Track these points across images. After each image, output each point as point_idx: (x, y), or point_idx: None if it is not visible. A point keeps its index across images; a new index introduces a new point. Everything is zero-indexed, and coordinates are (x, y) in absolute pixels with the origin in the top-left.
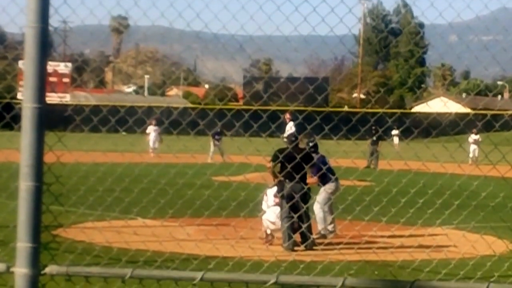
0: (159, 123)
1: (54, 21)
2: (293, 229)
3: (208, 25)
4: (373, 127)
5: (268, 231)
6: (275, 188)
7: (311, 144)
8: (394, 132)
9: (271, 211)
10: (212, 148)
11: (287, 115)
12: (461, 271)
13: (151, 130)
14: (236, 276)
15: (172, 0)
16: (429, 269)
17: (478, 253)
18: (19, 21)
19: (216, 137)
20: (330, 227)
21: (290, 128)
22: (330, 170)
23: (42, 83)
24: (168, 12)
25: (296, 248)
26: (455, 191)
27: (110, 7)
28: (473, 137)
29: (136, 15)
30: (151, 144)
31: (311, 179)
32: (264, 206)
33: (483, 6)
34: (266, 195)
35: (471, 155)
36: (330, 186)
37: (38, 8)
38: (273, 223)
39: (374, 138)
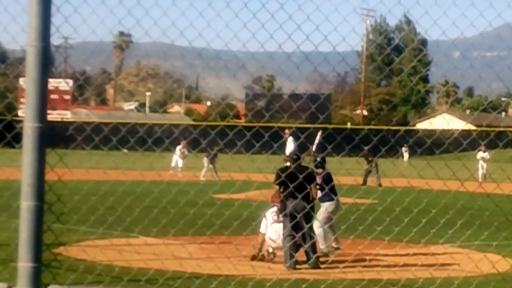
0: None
1: (55, 38)
2: (295, 247)
3: (210, 43)
4: (369, 157)
5: (270, 249)
6: (274, 209)
7: (318, 159)
8: (404, 148)
9: (271, 229)
10: (206, 166)
11: (286, 131)
12: None
13: (178, 151)
14: None
15: (174, 18)
16: None
17: (482, 272)
18: (20, 40)
19: (212, 159)
20: (334, 244)
21: (289, 143)
22: (333, 189)
23: (43, 102)
24: (170, 30)
25: (298, 266)
26: (459, 210)
27: (112, 25)
28: (480, 154)
29: (138, 33)
30: (173, 164)
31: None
32: (262, 228)
33: (487, 23)
34: (265, 217)
35: (480, 172)
36: (330, 205)
37: (39, 26)
38: (274, 240)
39: (370, 158)
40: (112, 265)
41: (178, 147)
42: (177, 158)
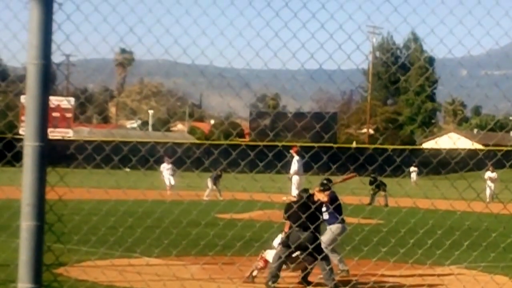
0: (172, 160)
1: (56, 56)
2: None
3: (214, 61)
4: (372, 175)
5: (255, 273)
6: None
7: (324, 182)
8: (412, 168)
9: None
10: (210, 187)
11: (293, 150)
12: None
13: (164, 169)
14: None
15: (176, 36)
16: None
17: None
18: (21, 57)
19: (215, 179)
20: (341, 266)
21: (294, 163)
22: (339, 210)
23: (44, 121)
24: (173, 48)
25: (277, 286)
26: (465, 231)
27: (114, 43)
28: (488, 174)
29: (140, 51)
30: (166, 182)
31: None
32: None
33: (494, 42)
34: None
35: (487, 192)
36: (337, 227)
37: (40, 44)
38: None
39: (372, 179)
40: (114, 286)
41: (164, 165)
42: (168, 176)
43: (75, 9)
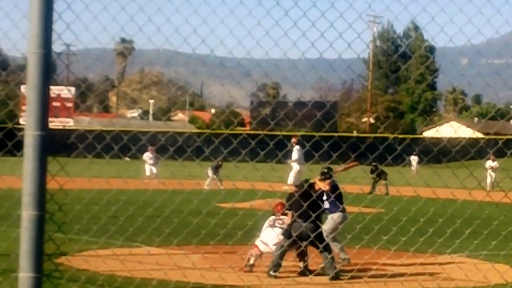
0: (155, 150)
1: (57, 45)
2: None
3: (214, 50)
4: (373, 164)
5: (252, 261)
6: (273, 217)
7: (325, 171)
8: (413, 157)
9: (266, 233)
10: (210, 176)
11: (293, 140)
12: None
13: (146, 158)
14: None
15: (177, 25)
16: None
17: (490, 282)
18: (21, 46)
19: (216, 169)
20: (342, 255)
21: (295, 151)
22: (340, 199)
23: (45, 110)
24: (174, 37)
25: (278, 275)
26: (466, 219)
27: (114, 32)
28: (489, 163)
29: (141, 40)
30: (147, 172)
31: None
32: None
33: (494, 30)
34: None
35: (488, 180)
36: (338, 216)
37: (41, 33)
38: (266, 244)
39: (373, 167)
40: (115, 275)
41: (147, 154)
42: (149, 167)
43: None
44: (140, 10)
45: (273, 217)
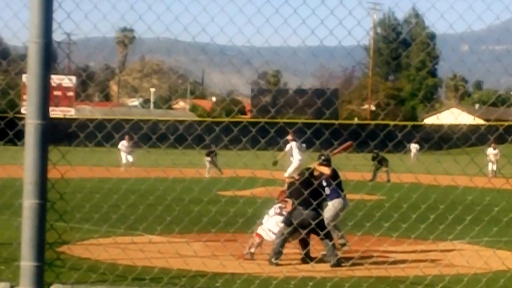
0: (132, 138)
1: (57, 34)
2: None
3: (214, 38)
4: (374, 151)
5: (252, 250)
6: (278, 205)
7: (323, 158)
8: (413, 145)
9: (272, 221)
10: (207, 165)
11: (289, 137)
12: (474, 287)
13: (122, 146)
14: None
15: (177, 13)
16: (442, 286)
17: (491, 269)
18: (22, 36)
19: (210, 155)
20: (340, 241)
21: (296, 148)
22: (340, 185)
23: (46, 99)
24: (174, 25)
25: (280, 262)
26: (468, 206)
27: (114, 21)
28: (490, 151)
29: (141, 28)
30: (123, 160)
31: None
32: (264, 220)
33: (495, 17)
34: (269, 214)
35: (489, 167)
36: (338, 202)
37: (41, 23)
38: (274, 232)
39: (374, 154)
40: (116, 264)
41: (123, 143)
42: (124, 154)
43: None
44: None
45: (278, 204)
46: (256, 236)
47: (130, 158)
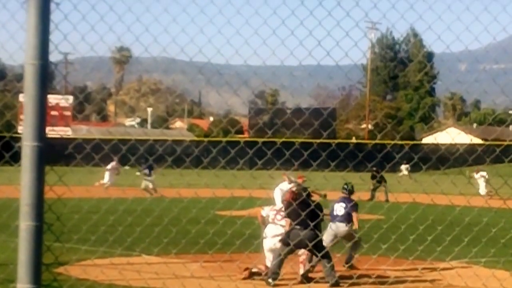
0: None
1: (54, 55)
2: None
3: (211, 59)
4: (374, 168)
5: (254, 269)
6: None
7: (346, 188)
8: (404, 166)
9: (273, 226)
10: (144, 182)
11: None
12: None
13: (110, 166)
14: None
15: (174, 34)
16: None
17: None
18: (19, 57)
19: (146, 171)
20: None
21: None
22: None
23: (42, 121)
24: (171, 46)
25: (277, 283)
26: (465, 227)
27: (112, 42)
28: (481, 174)
29: (138, 49)
30: (106, 179)
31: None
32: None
33: (491, 37)
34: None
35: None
36: (337, 226)
37: (38, 45)
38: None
39: (374, 173)
40: (113, 285)
41: (112, 164)
42: (108, 173)
43: (72, 8)
44: (137, 20)
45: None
46: (263, 266)
47: (112, 179)
